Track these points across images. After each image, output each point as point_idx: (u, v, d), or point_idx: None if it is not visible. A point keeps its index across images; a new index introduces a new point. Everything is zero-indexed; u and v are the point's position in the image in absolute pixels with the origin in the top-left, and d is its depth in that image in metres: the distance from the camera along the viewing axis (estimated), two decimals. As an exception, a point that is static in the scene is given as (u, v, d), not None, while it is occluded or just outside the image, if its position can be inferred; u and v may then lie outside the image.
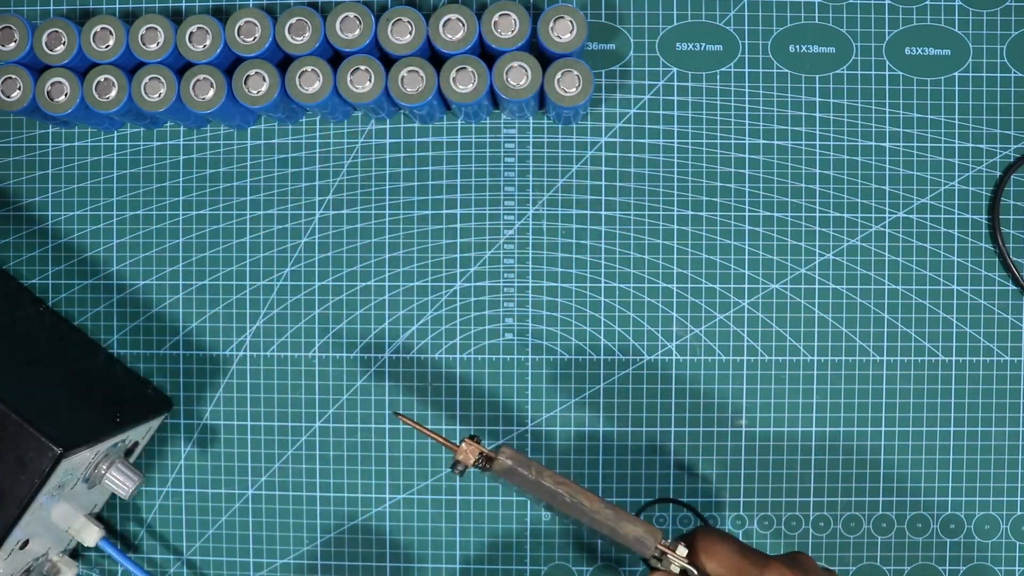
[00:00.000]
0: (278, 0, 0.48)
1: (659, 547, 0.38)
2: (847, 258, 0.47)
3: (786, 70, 0.47)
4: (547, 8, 0.44)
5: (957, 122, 0.47)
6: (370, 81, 0.43)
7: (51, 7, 0.48)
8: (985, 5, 0.47)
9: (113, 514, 0.49)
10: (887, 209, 0.47)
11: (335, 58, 0.45)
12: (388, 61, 0.44)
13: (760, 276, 0.47)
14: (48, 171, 0.49)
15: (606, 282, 0.48)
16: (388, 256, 0.48)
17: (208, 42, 0.44)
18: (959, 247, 0.47)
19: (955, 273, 0.47)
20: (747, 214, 0.47)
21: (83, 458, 0.41)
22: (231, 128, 0.48)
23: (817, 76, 0.47)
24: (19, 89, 0.44)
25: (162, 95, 0.44)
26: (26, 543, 0.42)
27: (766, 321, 0.47)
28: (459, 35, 0.43)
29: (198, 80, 0.44)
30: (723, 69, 0.47)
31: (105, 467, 0.43)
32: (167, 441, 0.49)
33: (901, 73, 0.47)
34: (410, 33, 0.43)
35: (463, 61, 0.43)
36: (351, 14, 0.43)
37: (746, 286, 0.47)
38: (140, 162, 0.48)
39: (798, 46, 0.47)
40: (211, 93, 0.44)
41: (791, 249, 0.47)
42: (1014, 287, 0.47)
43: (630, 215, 0.47)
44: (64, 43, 0.44)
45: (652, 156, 0.47)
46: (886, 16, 0.47)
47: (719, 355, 0.47)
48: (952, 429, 0.47)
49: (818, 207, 0.47)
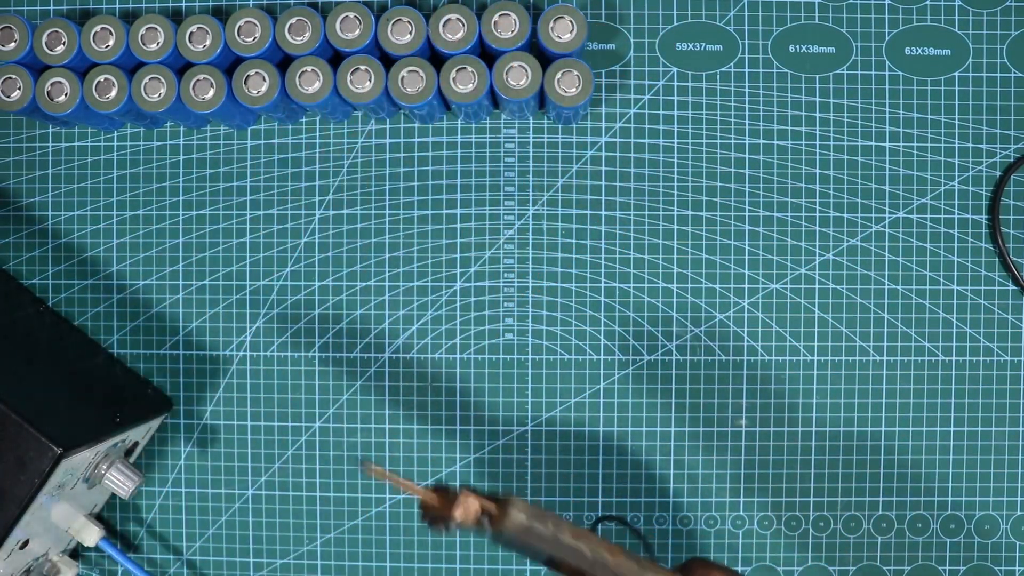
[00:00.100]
0: (278, 0, 0.48)
1: None
2: (847, 258, 0.47)
3: (786, 70, 0.47)
4: (547, 8, 0.44)
5: (957, 122, 0.47)
6: (370, 81, 0.43)
7: (51, 7, 0.48)
8: (985, 5, 0.47)
9: (113, 514, 0.49)
10: (887, 209, 0.47)
11: (335, 58, 0.45)
12: (388, 61, 0.44)
13: (760, 276, 0.47)
14: (48, 171, 0.49)
15: (606, 282, 0.48)
16: (388, 256, 0.48)
17: (208, 42, 0.44)
18: (959, 247, 0.47)
19: (955, 273, 0.47)
20: (747, 214, 0.47)
21: (83, 458, 0.41)
22: (231, 128, 0.48)
23: (817, 76, 0.47)
24: (19, 89, 0.44)
25: (162, 95, 0.44)
26: (26, 543, 0.42)
27: (766, 321, 0.47)
28: (459, 35, 0.43)
29: (198, 80, 0.44)
30: (723, 69, 0.47)
31: (105, 467, 0.43)
32: (167, 441, 0.49)
33: (901, 73, 0.47)
34: (410, 33, 0.43)
35: (463, 61, 0.43)
36: (351, 14, 0.43)
37: (746, 286, 0.47)
38: (140, 162, 0.48)
39: (798, 46, 0.47)
40: (211, 93, 0.44)
41: (791, 249, 0.47)
42: (1014, 287, 0.47)
43: (630, 215, 0.47)
44: (64, 43, 0.44)
45: (652, 156, 0.47)
46: (886, 16, 0.47)
47: (719, 355, 0.47)
48: (952, 429, 0.47)
49: (818, 207, 0.47)
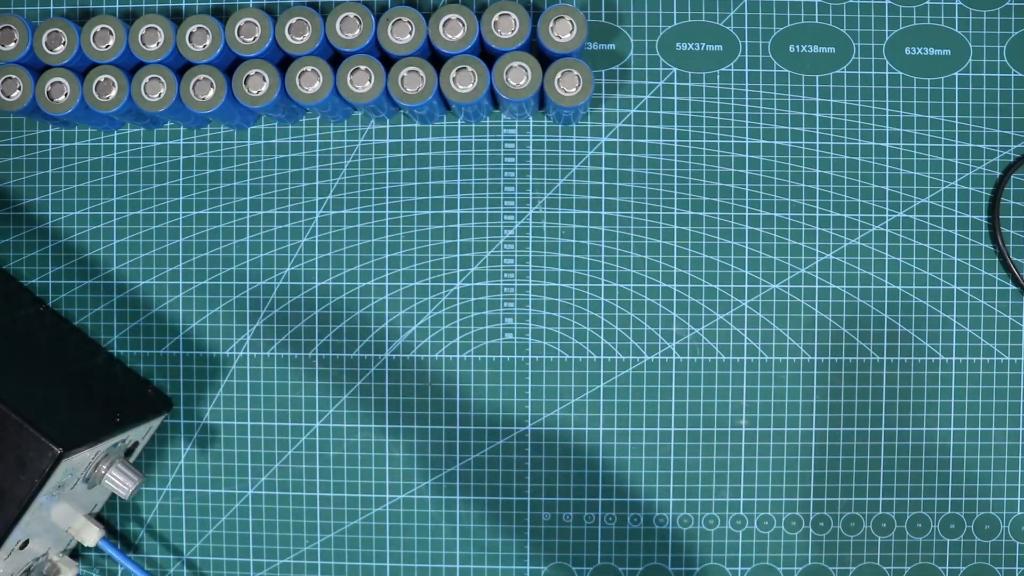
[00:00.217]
0: (278, 0, 0.48)
1: None
2: (847, 258, 0.47)
3: (786, 70, 0.47)
4: (547, 8, 0.44)
5: (957, 122, 0.47)
6: (370, 81, 0.43)
7: (51, 7, 0.48)
8: (985, 5, 0.47)
9: (113, 514, 0.49)
10: (887, 209, 0.47)
11: (335, 58, 0.45)
12: (388, 61, 0.44)
13: (760, 276, 0.47)
14: (48, 171, 0.49)
15: (606, 282, 0.48)
16: (388, 256, 0.48)
17: (208, 42, 0.44)
18: (959, 247, 0.47)
19: (955, 273, 0.47)
20: (747, 214, 0.47)
21: (83, 458, 0.41)
22: (231, 128, 0.48)
23: (817, 76, 0.47)
24: (19, 89, 0.44)
25: (162, 95, 0.44)
26: (26, 543, 0.42)
27: (766, 321, 0.47)
28: (459, 35, 0.43)
29: (198, 80, 0.44)
30: (723, 69, 0.47)
31: (105, 467, 0.43)
32: (167, 441, 0.49)
33: (901, 73, 0.47)
34: (410, 33, 0.43)
35: (463, 61, 0.43)
36: (351, 14, 0.43)
37: (746, 286, 0.47)
38: (140, 162, 0.48)
39: (798, 46, 0.47)
40: (211, 93, 0.44)
41: (791, 249, 0.47)
42: (1014, 287, 0.47)
43: (630, 215, 0.47)
44: (64, 43, 0.44)
45: (652, 156, 0.47)
46: (886, 16, 0.47)
47: (719, 355, 0.47)
48: (952, 429, 0.47)
49: (818, 207, 0.47)
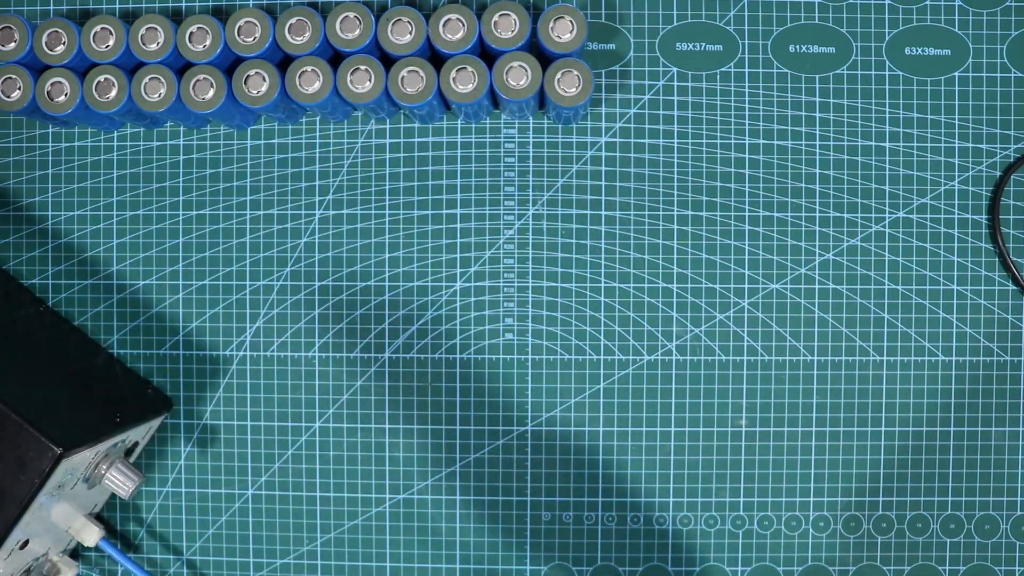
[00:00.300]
0: (278, 0, 0.48)
1: None
2: (847, 258, 0.47)
3: (786, 70, 0.47)
4: (547, 8, 0.44)
5: (957, 122, 0.47)
6: (370, 81, 0.43)
7: (51, 7, 0.48)
8: (985, 5, 0.47)
9: (113, 514, 0.49)
10: (887, 209, 0.47)
11: (335, 58, 0.45)
12: (388, 61, 0.44)
13: (760, 276, 0.47)
14: (48, 171, 0.49)
15: (606, 282, 0.48)
16: (388, 256, 0.48)
17: (208, 42, 0.44)
18: (959, 247, 0.47)
19: (955, 273, 0.47)
20: (747, 214, 0.47)
21: (83, 458, 0.41)
22: (231, 128, 0.48)
23: (817, 76, 0.47)
24: (19, 89, 0.44)
25: (162, 95, 0.44)
26: (26, 543, 0.42)
27: (766, 321, 0.47)
28: (459, 35, 0.43)
29: (198, 80, 0.44)
30: (723, 69, 0.47)
31: (105, 467, 0.43)
32: (167, 441, 0.49)
33: (901, 73, 0.47)
34: (410, 33, 0.43)
35: (463, 61, 0.43)
36: (351, 14, 0.43)
37: (746, 286, 0.47)
38: (140, 162, 0.48)
39: (798, 46, 0.47)
40: (211, 93, 0.44)
41: (791, 249, 0.47)
42: (1014, 287, 0.47)
43: (630, 215, 0.47)
44: (64, 43, 0.44)
45: (652, 156, 0.47)
46: (886, 16, 0.47)
47: (719, 355, 0.47)
48: (952, 429, 0.47)
49: (818, 207, 0.47)
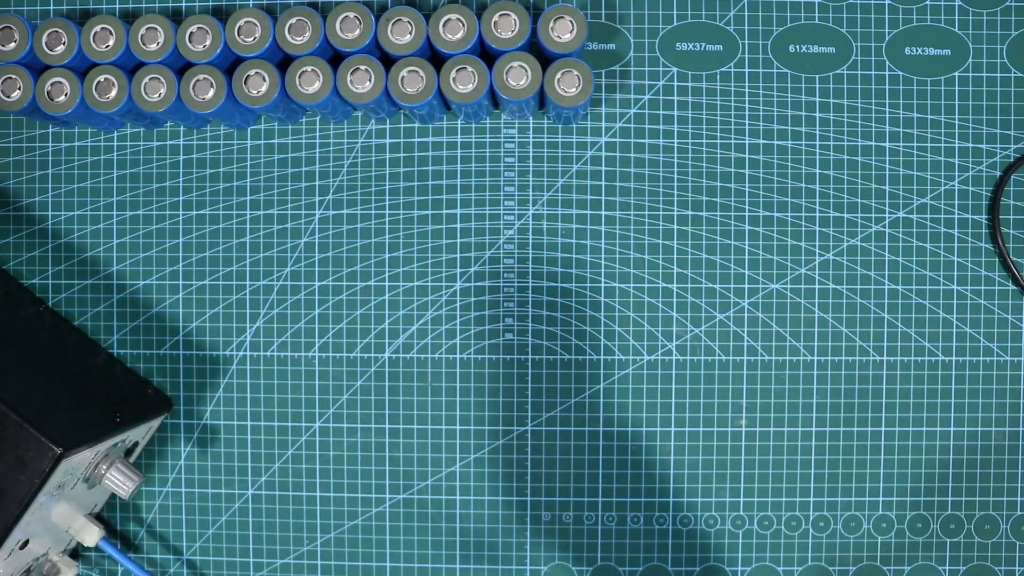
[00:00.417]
0: (278, 0, 0.48)
1: None
2: (847, 258, 0.47)
3: (786, 70, 0.47)
4: (547, 8, 0.44)
5: (957, 122, 0.47)
6: (370, 81, 0.43)
7: (51, 7, 0.48)
8: (985, 5, 0.47)
9: (113, 514, 0.49)
10: (887, 209, 0.47)
11: (335, 58, 0.45)
12: (388, 61, 0.44)
13: (760, 276, 0.47)
14: (48, 171, 0.49)
15: (606, 282, 0.48)
16: (388, 256, 0.48)
17: (208, 42, 0.44)
18: (959, 247, 0.47)
19: (955, 273, 0.47)
20: (747, 214, 0.47)
21: (83, 458, 0.41)
22: (231, 128, 0.48)
23: (817, 76, 0.47)
24: (19, 89, 0.44)
25: (162, 95, 0.44)
26: (26, 543, 0.42)
27: (766, 321, 0.47)
28: (459, 35, 0.43)
29: (198, 80, 0.44)
30: (723, 69, 0.47)
31: (105, 467, 0.43)
32: (167, 441, 0.49)
33: (901, 73, 0.47)
34: (410, 33, 0.43)
35: (463, 61, 0.43)
36: (351, 14, 0.43)
37: (746, 286, 0.47)
38: (140, 162, 0.48)
39: (798, 46, 0.47)
40: (211, 93, 0.44)
41: (791, 249, 0.47)
42: (1014, 287, 0.47)
43: (630, 215, 0.47)
44: (64, 43, 0.44)
45: (652, 156, 0.47)
46: (886, 16, 0.47)
47: (719, 355, 0.47)
48: (952, 429, 0.47)
49: (818, 207, 0.47)
